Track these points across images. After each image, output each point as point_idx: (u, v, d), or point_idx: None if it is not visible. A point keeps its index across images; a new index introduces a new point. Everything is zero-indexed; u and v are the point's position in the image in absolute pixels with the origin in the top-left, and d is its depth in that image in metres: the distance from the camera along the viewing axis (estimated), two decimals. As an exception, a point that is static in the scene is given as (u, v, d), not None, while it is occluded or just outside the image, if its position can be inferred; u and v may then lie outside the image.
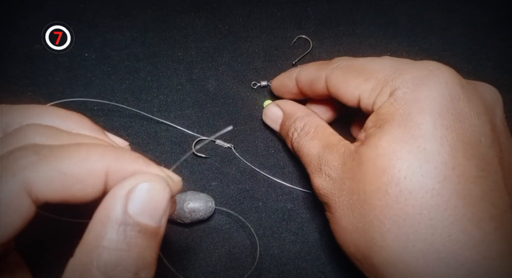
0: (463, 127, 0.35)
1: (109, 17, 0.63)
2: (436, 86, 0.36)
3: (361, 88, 0.41)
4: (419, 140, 0.35)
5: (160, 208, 0.29)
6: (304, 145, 0.45)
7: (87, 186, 0.29)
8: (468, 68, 0.63)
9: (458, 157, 0.34)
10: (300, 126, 0.47)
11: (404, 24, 0.65)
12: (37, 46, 0.60)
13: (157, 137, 0.57)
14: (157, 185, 0.29)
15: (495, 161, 0.36)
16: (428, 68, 0.39)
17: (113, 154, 0.30)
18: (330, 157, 0.41)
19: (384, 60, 0.43)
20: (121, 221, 0.27)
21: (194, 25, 0.63)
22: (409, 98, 0.37)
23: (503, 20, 0.65)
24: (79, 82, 0.59)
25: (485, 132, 0.36)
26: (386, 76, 0.40)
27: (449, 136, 0.35)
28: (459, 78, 0.38)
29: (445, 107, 0.35)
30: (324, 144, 0.43)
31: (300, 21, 0.64)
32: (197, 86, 0.60)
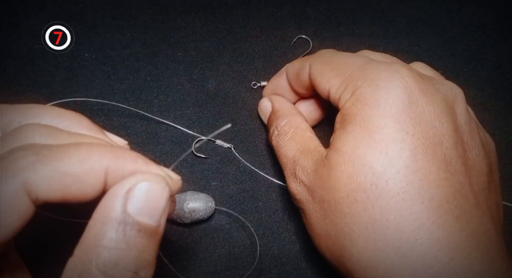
0: (423, 130, 0.36)
1: (109, 17, 0.63)
2: (395, 90, 0.37)
3: (331, 83, 0.42)
4: (381, 144, 0.35)
5: (159, 207, 0.29)
6: (282, 145, 0.45)
7: (87, 185, 0.29)
8: (468, 68, 0.63)
9: (419, 160, 0.35)
10: (281, 125, 0.47)
11: (404, 24, 0.65)
12: (37, 46, 0.60)
13: (157, 137, 0.57)
14: (156, 184, 0.29)
15: (459, 161, 0.36)
16: (390, 70, 0.39)
17: (112, 153, 0.30)
18: (305, 163, 0.41)
19: (357, 57, 0.43)
20: (120, 220, 0.27)
21: (194, 25, 0.63)
22: (370, 99, 0.37)
23: (503, 20, 0.65)
24: (79, 82, 0.59)
25: (446, 134, 0.36)
26: (352, 74, 0.40)
27: (409, 140, 0.35)
28: (419, 81, 0.38)
29: (404, 111, 0.36)
30: (300, 148, 0.43)
31: (300, 21, 0.64)
32: (197, 86, 0.60)
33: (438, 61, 0.63)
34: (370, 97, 0.37)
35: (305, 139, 0.44)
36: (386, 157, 0.35)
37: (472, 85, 0.61)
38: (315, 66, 0.45)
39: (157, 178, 0.30)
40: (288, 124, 0.47)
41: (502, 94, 0.61)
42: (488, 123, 0.58)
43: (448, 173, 0.35)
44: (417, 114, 0.36)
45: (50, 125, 0.33)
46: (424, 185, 0.34)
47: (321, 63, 0.44)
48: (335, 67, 0.42)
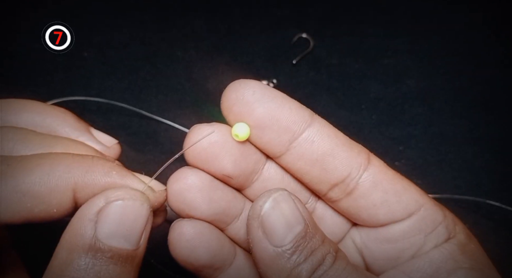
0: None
1: (108, 16, 0.63)
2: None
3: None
4: None
5: (136, 228, 0.25)
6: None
7: (51, 206, 0.25)
8: (469, 67, 0.62)
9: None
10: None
11: (404, 23, 0.65)
12: (37, 46, 0.60)
13: (156, 137, 0.57)
14: (131, 202, 0.25)
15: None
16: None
17: (81, 167, 0.26)
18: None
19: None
20: (89, 247, 0.24)
21: (194, 24, 0.62)
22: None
23: (504, 20, 0.65)
24: (78, 82, 0.59)
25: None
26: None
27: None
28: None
29: None
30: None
31: (301, 20, 0.64)
32: (197, 85, 0.60)
33: (439, 60, 0.63)
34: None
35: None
36: None
37: (473, 85, 0.61)
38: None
39: (132, 194, 0.26)
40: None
41: (502, 94, 0.61)
42: (488, 123, 0.58)
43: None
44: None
45: (21, 129, 0.30)
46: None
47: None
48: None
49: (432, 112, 0.59)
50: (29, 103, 0.33)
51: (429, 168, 0.55)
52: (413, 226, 0.30)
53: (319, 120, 0.29)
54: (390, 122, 0.58)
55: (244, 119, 0.28)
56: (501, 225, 0.51)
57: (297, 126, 0.28)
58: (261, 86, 0.28)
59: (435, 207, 0.30)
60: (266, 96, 0.28)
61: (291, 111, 0.28)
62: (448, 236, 0.30)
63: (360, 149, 0.30)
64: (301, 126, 0.28)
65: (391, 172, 0.31)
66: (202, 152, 0.28)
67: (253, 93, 0.28)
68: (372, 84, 0.61)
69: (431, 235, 0.30)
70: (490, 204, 0.50)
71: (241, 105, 0.28)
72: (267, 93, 0.28)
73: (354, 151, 0.30)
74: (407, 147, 0.57)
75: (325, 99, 0.60)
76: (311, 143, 0.29)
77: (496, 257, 0.49)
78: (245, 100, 0.28)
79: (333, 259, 0.26)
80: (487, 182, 0.54)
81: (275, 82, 0.60)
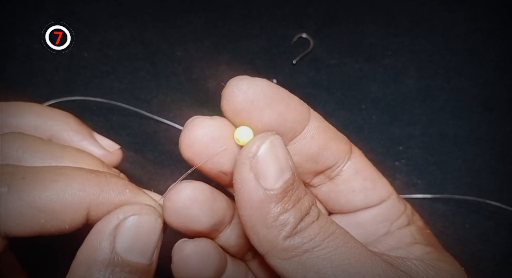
0: None
1: (108, 16, 0.62)
2: None
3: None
4: None
5: (151, 243, 0.26)
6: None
7: (64, 222, 0.25)
8: (469, 67, 0.62)
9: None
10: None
11: (405, 23, 0.65)
12: (37, 46, 0.60)
13: (156, 137, 0.57)
14: (147, 217, 0.26)
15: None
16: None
17: (96, 186, 0.26)
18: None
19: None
20: (108, 262, 0.24)
21: (194, 24, 0.62)
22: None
23: (504, 20, 0.65)
24: (78, 82, 0.59)
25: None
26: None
27: None
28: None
29: None
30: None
31: (301, 20, 0.63)
32: (197, 85, 0.60)
33: (439, 60, 0.63)
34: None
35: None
36: None
37: (473, 85, 0.61)
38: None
39: (147, 209, 0.26)
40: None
41: (503, 94, 0.61)
42: (489, 123, 0.58)
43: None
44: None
45: (29, 136, 0.30)
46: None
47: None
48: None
49: (432, 112, 0.59)
50: (31, 106, 0.33)
51: (429, 168, 0.55)
52: (382, 213, 0.32)
53: (315, 115, 0.30)
54: (390, 122, 0.58)
55: (250, 123, 0.27)
56: (501, 225, 0.51)
57: (300, 125, 0.28)
58: (269, 87, 0.27)
59: (398, 197, 0.33)
60: (275, 99, 0.27)
61: (296, 111, 0.28)
62: (408, 222, 0.33)
63: (344, 138, 0.31)
64: (303, 125, 0.29)
65: (368, 161, 0.33)
66: (199, 148, 0.28)
67: (264, 97, 0.27)
68: (372, 84, 0.61)
69: (395, 223, 0.32)
70: (490, 204, 0.50)
71: (250, 109, 0.27)
72: (276, 95, 0.27)
73: (342, 141, 0.31)
74: (407, 147, 0.57)
75: (325, 99, 0.60)
76: (310, 139, 0.29)
77: (496, 257, 0.49)
78: (255, 105, 0.27)
79: (318, 211, 0.26)
80: (487, 182, 0.54)
81: (275, 82, 0.60)
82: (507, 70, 0.62)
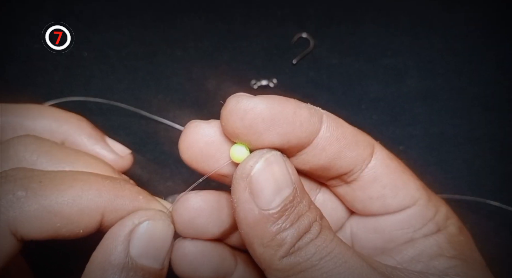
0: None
1: (108, 16, 0.62)
2: None
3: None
4: None
5: (164, 248, 0.27)
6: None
7: (79, 227, 0.26)
8: (469, 67, 0.62)
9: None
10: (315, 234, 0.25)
11: (405, 23, 0.65)
12: (37, 46, 0.60)
13: (156, 137, 0.57)
14: (160, 222, 0.27)
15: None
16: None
17: (111, 192, 0.27)
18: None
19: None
20: (123, 266, 0.25)
21: (194, 24, 0.62)
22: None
23: (504, 20, 0.65)
24: (78, 82, 0.59)
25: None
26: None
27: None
28: None
29: None
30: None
31: (301, 20, 0.63)
32: (197, 85, 0.60)
33: (439, 60, 0.62)
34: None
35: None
36: None
37: (473, 85, 0.61)
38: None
39: (160, 215, 0.27)
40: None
41: (503, 93, 0.61)
42: (489, 123, 0.58)
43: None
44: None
45: (43, 139, 0.30)
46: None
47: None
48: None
49: (432, 112, 0.59)
50: (46, 110, 0.33)
51: (429, 168, 0.55)
52: (403, 220, 0.30)
53: (328, 121, 0.28)
54: (390, 122, 0.58)
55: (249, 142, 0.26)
56: (501, 225, 0.51)
57: (307, 139, 0.27)
58: (269, 108, 0.25)
59: (428, 203, 0.31)
60: (276, 121, 0.25)
61: (301, 128, 0.26)
62: (437, 230, 0.30)
63: (365, 142, 0.30)
64: (311, 138, 0.27)
65: (394, 164, 0.31)
66: (195, 153, 0.27)
67: (262, 121, 0.25)
68: (372, 84, 0.61)
69: (420, 231, 0.30)
70: (490, 204, 0.50)
71: (248, 134, 0.25)
72: (277, 116, 0.25)
73: (360, 147, 0.29)
74: (407, 147, 0.57)
75: (325, 99, 0.60)
76: (321, 150, 0.28)
77: (496, 257, 0.49)
78: (254, 130, 0.25)
79: (319, 228, 0.25)
80: (487, 182, 0.54)
81: (275, 82, 0.60)
82: (507, 70, 0.62)
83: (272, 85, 0.60)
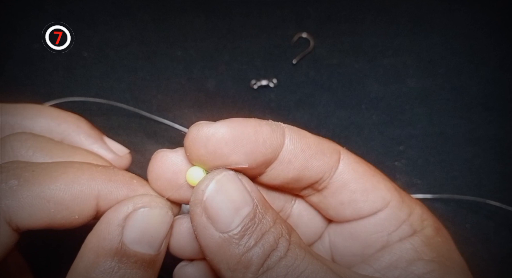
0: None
1: (108, 16, 0.62)
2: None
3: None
4: None
5: (159, 235, 0.26)
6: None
7: (74, 213, 0.26)
8: (470, 67, 0.62)
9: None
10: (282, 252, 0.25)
11: (405, 23, 0.65)
12: (37, 46, 0.60)
13: (156, 137, 0.57)
14: (157, 210, 0.26)
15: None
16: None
17: (103, 176, 0.27)
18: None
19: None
20: (116, 251, 0.25)
21: (194, 24, 0.62)
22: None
23: (504, 20, 0.65)
24: (78, 82, 0.59)
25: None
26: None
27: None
28: None
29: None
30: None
31: (301, 20, 0.63)
32: (197, 85, 0.60)
33: (439, 60, 0.62)
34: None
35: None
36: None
37: (474, 85, 0.61)
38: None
39: (158, 202, 0.26)
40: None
41: (503, 93, 0.61)
42: (489, 123, 0.58)
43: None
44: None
45: (40, 136, 0.30)
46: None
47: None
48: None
49: (432, 112, 0.59)
50: (45, 109, 0.34)
51: (429, 168, 0.55)
52: (377, 223, 0.30)
53: (290, 134, 0.27)
54: (390, 122, 0.58)
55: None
56: (501, 225, 0.51)
57: (273, 154, 0.27)
58: (230, 132, 0.25)
59: (401, 204, 0.30)
60: (239, 142, 0.25)
61: (265, 144, 0.26)
62: (413, 232, 0.30)
63: (331, 150, 0.29)
64: (276, 152, 0.27)
65: (362, 168, 0.30)
66: (167, 182, 0.27)
67: (226, 144, 0.25)
68: (372, 84, 0.61)
69: (395, 233, 0.30)
70: (490, 204, 0.50)
71: (213, 159, 0.25)
72: (239, 137, 0.25)
73: (326, 155, 0.29)
74: (407, 147, 0.57)
75: (325, 99, 0.60)
76: (287, 163, 0.27)
77: (496, 257, 0.49)
78: (218, 154, 0.25)
79: (287, 244, 0.25)
80: (487, 182, 0.54)
81: (275, 82, 0.60)
82: (507, 70, 0.62)
83: (272, 85, 0.60)
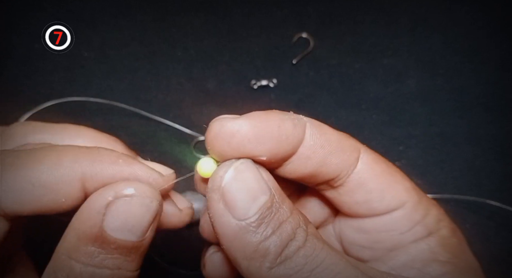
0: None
1: (108, 16, 0.62)
2: None
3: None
4: None
5: (143, 223, 0.25)
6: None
7: (60, 196, 0.25)
8: (470, 67, 0.62)
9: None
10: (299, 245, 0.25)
11: (405, 23, 0.65)
12: (37, 46, 0.60)
13: (156, 137, 0.57)
14: (140, 199, 0.25)
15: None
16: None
17: (87, 157, 0.26)
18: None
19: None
20: (96, 236, 0.24)
21: (194, 24, 0.62)
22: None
23: (505, 20, 0.65)
24: (78, 82, 0.59)
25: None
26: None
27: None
28: None
29: None
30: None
31: (301, 20, 0.63)
32: (197, 85, 0.60)
33: (439, 60, 0.62)
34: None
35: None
36: None
37: (474, 85, 0.61)
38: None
39: (143, 190, 0.26)
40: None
41: (503, 93, 0.61)
42: (489, 123, 0.58)
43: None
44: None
45: (45, 123, 0.31)
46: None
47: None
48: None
49: (432, 112, 0.59)
50: (83, 130, 0.34)
51: (429, 168, 0.55)
52: (388, 222, 0.30)
53: (311, 129, 0.27)
54: (390, 122, 0.58)
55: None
56: (501, 225, 0.51)
57: (292, 148, 0.26)
58: (253, 128, 0.25)
59: (417, 205, 0.30)
60: (262, 138, 0.25)
61: (287, 140, 0.26)
62: (428, 233, 0.30)
63: (351, 147, 0.29)
64: (296, 147, 0.27)
65: (381, 167, 0.30)
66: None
67: (249, 142, 0.25)
68: (372, 84, 0.61)
69: (408, 233, 0.30)
70: (490, 204, 0.50)
71: (237, 154, 0.25)
72: (262, 133, 0.25)
73: (346, 152, 0.28)
74: (407, 147, 0.57)
75: (325, 99, 0.60)
76: (305, 159, 0.27)
77: (496, 257, 0.49)
78: (242, 151, 0.25)
79: (305, 234, 0.25)
80: (487, 182, 0.54)
81: (275, 82, 0.60)
82: (507, 70, 0.62)
83: (272, 85, 0.60)
